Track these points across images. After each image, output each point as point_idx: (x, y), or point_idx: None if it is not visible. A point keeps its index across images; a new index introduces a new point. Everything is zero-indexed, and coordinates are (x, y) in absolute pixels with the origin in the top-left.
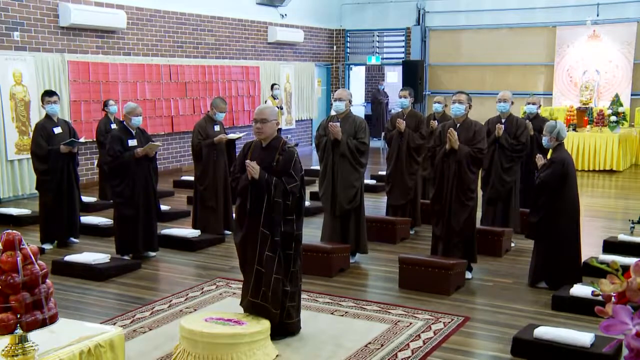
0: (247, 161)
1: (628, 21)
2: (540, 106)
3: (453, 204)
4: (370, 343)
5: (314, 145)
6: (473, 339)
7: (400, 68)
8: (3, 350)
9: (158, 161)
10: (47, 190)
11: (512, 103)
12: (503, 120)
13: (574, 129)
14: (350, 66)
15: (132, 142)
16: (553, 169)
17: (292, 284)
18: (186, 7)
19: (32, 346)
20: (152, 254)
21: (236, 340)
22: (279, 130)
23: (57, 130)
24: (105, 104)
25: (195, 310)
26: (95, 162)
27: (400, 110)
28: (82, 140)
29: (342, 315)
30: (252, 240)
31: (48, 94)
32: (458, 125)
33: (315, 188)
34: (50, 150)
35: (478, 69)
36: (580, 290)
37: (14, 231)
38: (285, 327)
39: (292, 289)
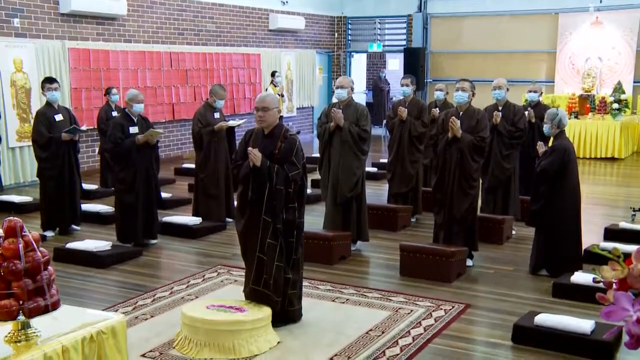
0: (250, 148)
1: (631, 8)
2: (541, 94)
3: (455, 192)
4: (371, 330)
5: (315, 133)
6: (474, 326)
7: (401, 55)
8: (6, 337)
9: (159, 149)
10: (48, 178)
11: (507, 90)
12: (500, 108)
13: (576, 117)
14: (352, 53)
15: (134, 129)
16: (554, 156)
17: (294, 271)
18: None
19: (34, 332)
20: (153, 241)
21: (237, 327)
22: (280, 117)
23: (58, 117)
24: (108, 92)
25: (197, 297)
26: (97, 149)
27: (402, 97)
28: (83, 127)
29: (343, 303)
30: (254, 228)
31: (48, 80)
32: (461, 113)
33: (316, 175)
34: (51, 138)
35: (480, 56)
36: (581, 277)
37: (16, 218)
38: (286, 315)
39: (293, 277)
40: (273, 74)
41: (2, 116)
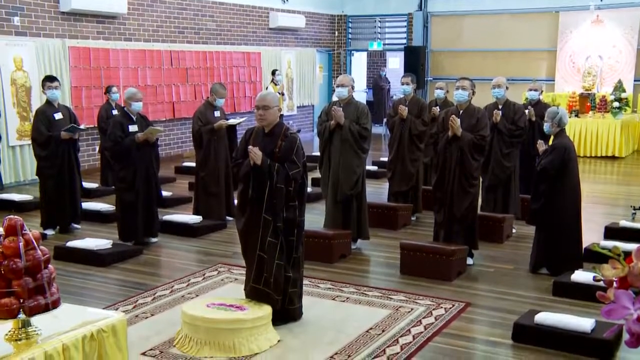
0: (250, 147)
1: (632, 6)
2: (542, 92)
3: (455, 190)
4: (371, 329)
5: (315, 131)
6: (474, 325)
7: (402, 54)
8: (6, 335)
9: (159, 147)
10: (48, 176)
11: (507, 88)
12: (500, 106)
13: (576, 115)
14: (352, 52)
15: (133, 128)
16: (554, 155)
17: (295, 270)
18: None
19: (35, 331)
20: (154, 239)
21: (238, 325)
22: (281, 116)
23: (58, 116)
24: (108, 90)
25: (197, 296)
26: (97, 148)
27: (402, 96)
28: (82, 127)
29: (344, 301)
30: (254, 226)
31: (49, 79)
32: (461, 111)
33: (317, 174)
34: (50, 137)
35: (480, 54)
36: (581, 276)
37: (16, 217)
38: (287, 313)
39: (294, 275)
40: (273, 73)
41: (1, 114)
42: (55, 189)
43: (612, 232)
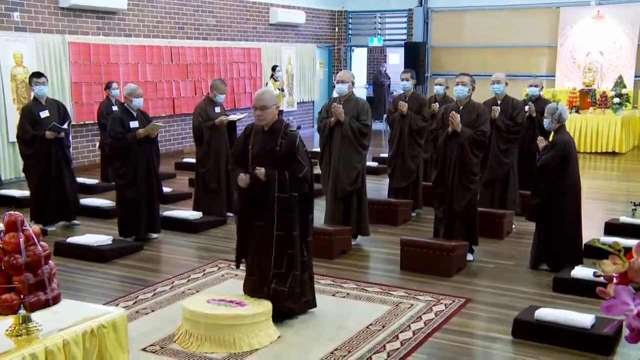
0: (256, 171)
1: (633, 2)
2: (542, 88)
3: (455, 186)
4: (371, 324)
5: (315, 127)
6: (474, 321)
7: (402, 50)
8: (7, 330)
9: (160, 143)
10: (34, 175)
11: (506, 84)
12: (499, 102)
13: (577, 111)
14: (352, 48)
15: (134, 124)
16: (554, 151)
17: (308, 268)
18: None
19: (35, 326)
20: (154, 235)
21: (238, 321)
22: (281, 112)
23: (44, 114)
24: (108, 86)
25: (198, 291)
26: (97, 144)
27: (402, 92)
28: (65, 126)
29: (344, 297)
30: (266, 245)
31: (36, 75)
32: (461, 107)
33: (317, 170)
34: (35, 135)
35: (480, 50)
36: (582, 272)
37: (17, 212)
38: (303, 307)
39: (310, 273)
40: (274, 69)
41: None
42: (42, 186)
43: (612, 228)
